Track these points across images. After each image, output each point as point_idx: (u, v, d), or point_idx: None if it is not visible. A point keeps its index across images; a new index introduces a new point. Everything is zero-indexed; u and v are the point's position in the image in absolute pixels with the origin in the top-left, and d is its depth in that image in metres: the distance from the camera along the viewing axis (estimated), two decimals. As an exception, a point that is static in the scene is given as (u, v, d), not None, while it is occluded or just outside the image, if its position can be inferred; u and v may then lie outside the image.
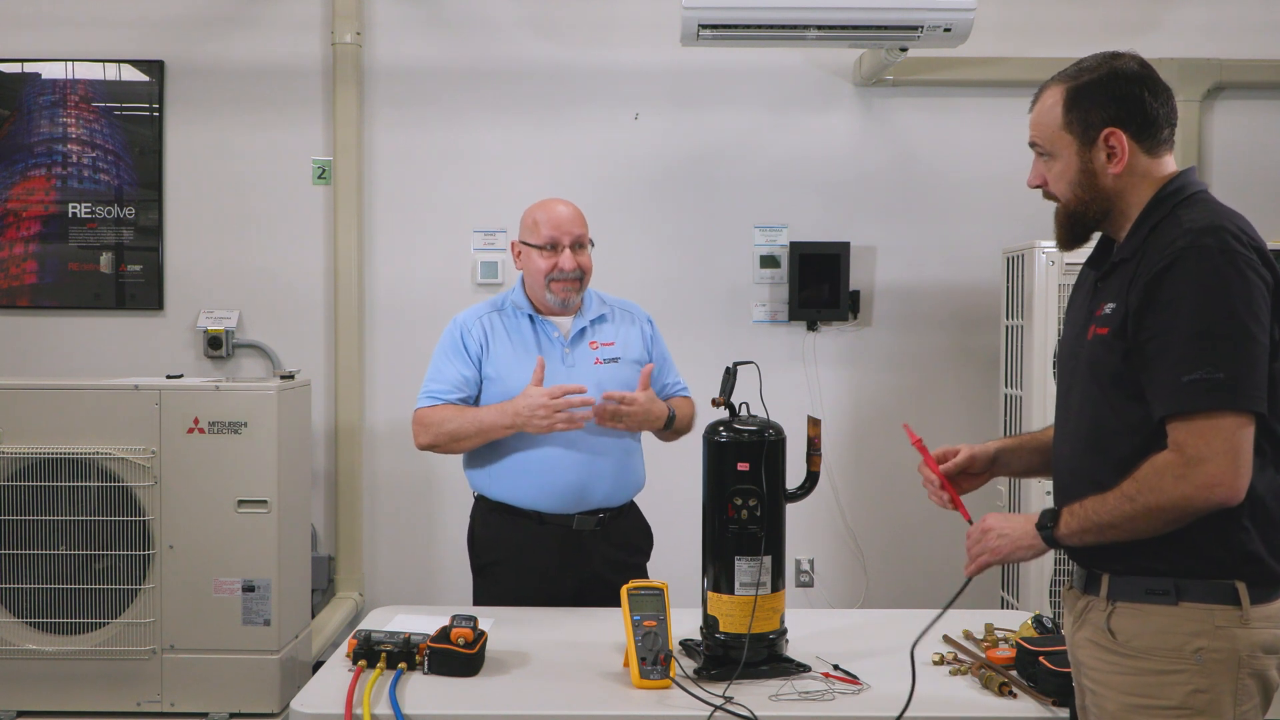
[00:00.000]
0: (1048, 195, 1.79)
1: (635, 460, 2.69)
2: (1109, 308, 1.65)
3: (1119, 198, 1.70)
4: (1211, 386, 1.51)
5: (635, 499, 2.72)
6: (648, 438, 2.74)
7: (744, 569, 2.04)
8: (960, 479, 1.94)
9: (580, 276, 2.62)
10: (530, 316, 2.65)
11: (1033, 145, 1.78)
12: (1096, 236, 1.80)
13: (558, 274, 2.59)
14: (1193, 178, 1.70)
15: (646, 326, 2.76)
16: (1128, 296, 1.61)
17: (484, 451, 2.61)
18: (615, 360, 2.63)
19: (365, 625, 2.16)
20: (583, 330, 2.66)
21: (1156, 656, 1.59)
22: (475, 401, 2.61)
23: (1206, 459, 1.51)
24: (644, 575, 2.65)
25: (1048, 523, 1.67)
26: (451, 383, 2.60)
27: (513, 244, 2.71)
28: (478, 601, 2.65)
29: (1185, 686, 1.56)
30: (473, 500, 2.71)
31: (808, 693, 1.95)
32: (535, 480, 2.55)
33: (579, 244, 2.62)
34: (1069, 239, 1.78)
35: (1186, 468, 1.53)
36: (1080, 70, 1.72)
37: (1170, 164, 1.72)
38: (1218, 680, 1.56)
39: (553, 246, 2.60)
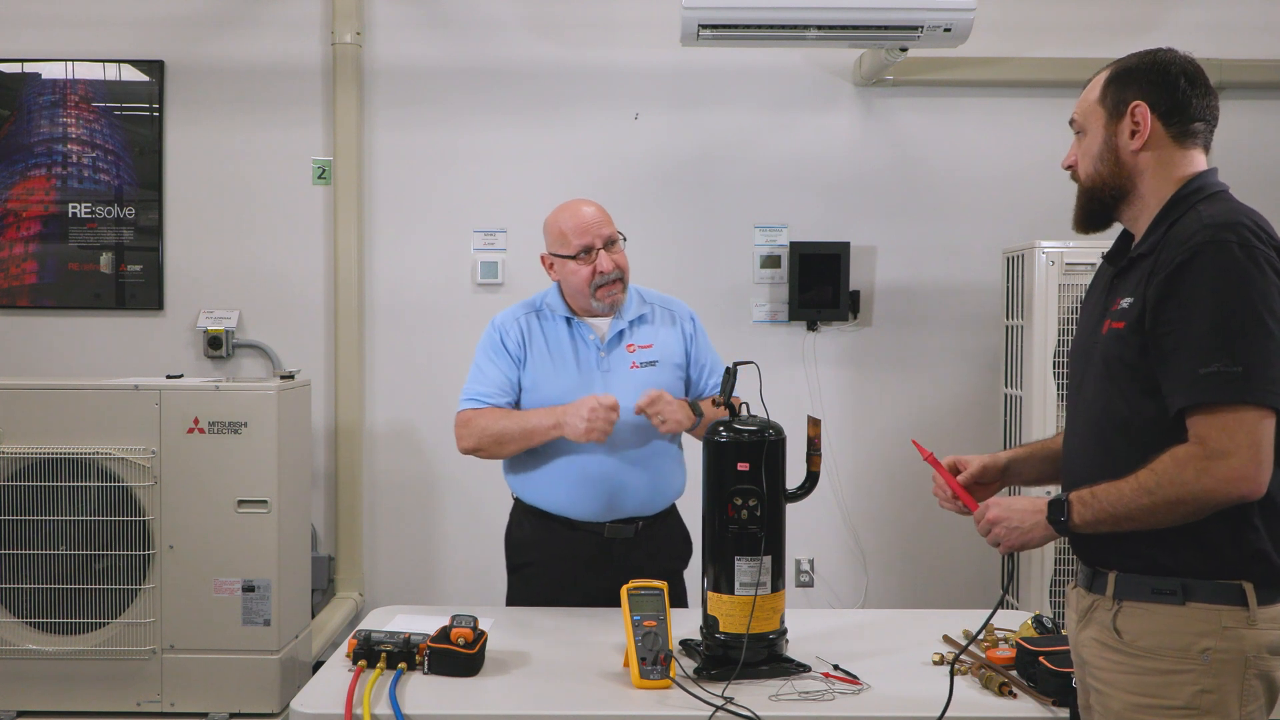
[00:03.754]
0: (1074, 176, 1.80)
1: (673, 467, 2.63)
2: (1125, 302, 1.65)
3: (1138, 177, 1.71)
4: (1229, 379, 1.51)
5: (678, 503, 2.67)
6: (687, 441, 2.70)
7: (744, 569, 2.03)
8: (971, 489, 1.94)
9: (620, 276, 2.55)
10: (567, 319, 2.59)
11: (1071, 124, 1.80)
12: (1113, 235, 1.81)
13: (600, 279, 2.52)
14: (1214, 177, 1.70)
15: (688, 325, 2.68)
16: (1146, 291, 1.61)
17: (519, 455, 2.57)
18: (653, 364, 2.57)
19: (365, 625, 2.16)
20: (621, 333, 2.59)
21: (1163, 656, 1.59)
22: (516, 405, 2.58)
23: (1230, 452, 1.51)
24: (680, 581, 2.62)
25: (1060, 515, 1.66)
26: (495, 384, 2.55)
27: (543, 257, 2.62)
28: (510, 601, 2.64)
29: (1192, 687, 1.56)
30: (512, 502, 2.68)
31: (808, 693, 1.95)
32: (566, 487, 2.52)
33: (611, 242, 2.54)
34: (1085, 218, 1.79)
35: (1209, 461, 1.52)
36: (1128, 57, 1.76)
37: (1200, 161, 1.71)
38: (1224, 681, 1.56)
39: (587, 251, 2.52)
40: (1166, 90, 1.69)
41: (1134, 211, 1.73)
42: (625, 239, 2.61)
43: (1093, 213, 1.77)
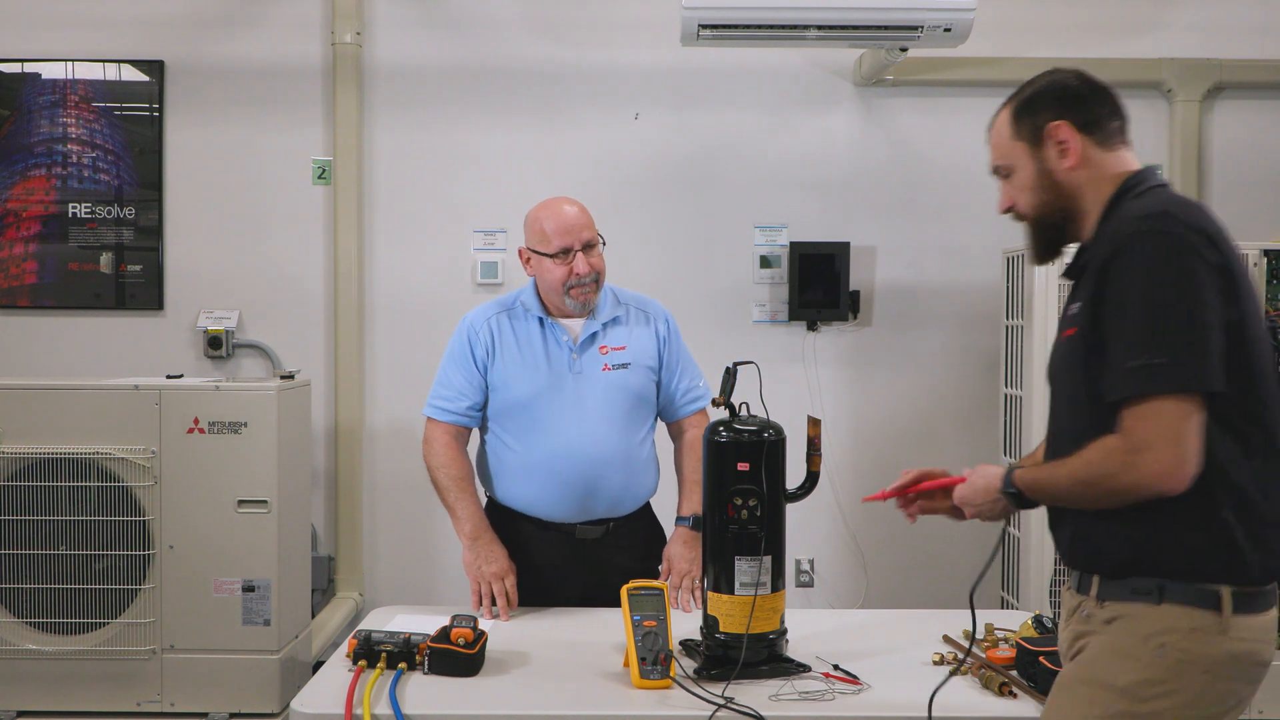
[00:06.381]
0: (1017, 217, 1.81)
1: (645, 467, 2.63)
2: (1075, 308, 1.66)
3: (1079, 195, 1.72)
4: (1153, 371, 1.51)
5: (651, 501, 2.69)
6: (662, 440, 2.72)
7: (744, 569, 2.04)
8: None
9: (596, 279, 2.55)
10: (540, 319, 2.59)
11: (995, 170, 1.82)
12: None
13: (575, 280, 2.52)
14: (1152, 174, 1.70)
15: (662, 326, 2.67)
16: (1090, 293, 1.62)
17: (490, 455, 2.62)
18: (625, 366, 2.57)
19: (365, 625, 2.16)
20: (594, 334, 2.58)
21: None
22: (482, 408, 2.60)
23: (1150, 445, 1.51)
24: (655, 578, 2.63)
25: (1010, 487, 1.72)
26: (457, 389, 2.59)
27: (520, 250, 2.63)
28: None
29: (1135, 675, 1.55)
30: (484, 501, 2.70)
31: (808, 693, 1.95)
32: (536, 487, 2.54)
33: (590, 245, 2.54)
34: (1041, 249, 1.80)
35: (1131, 454, 1.52)
36: (1023, 87, 1.80)
37: (1130, 160, 1.72)
38: (1175, 681, 1.53)
39: (565, 253, 2.51)
40: (1074, 104, 1.72)
41: (1082, 224, 1.74)
42: (605, 242, 2.60)
43: (1048, 240, 1.79)
